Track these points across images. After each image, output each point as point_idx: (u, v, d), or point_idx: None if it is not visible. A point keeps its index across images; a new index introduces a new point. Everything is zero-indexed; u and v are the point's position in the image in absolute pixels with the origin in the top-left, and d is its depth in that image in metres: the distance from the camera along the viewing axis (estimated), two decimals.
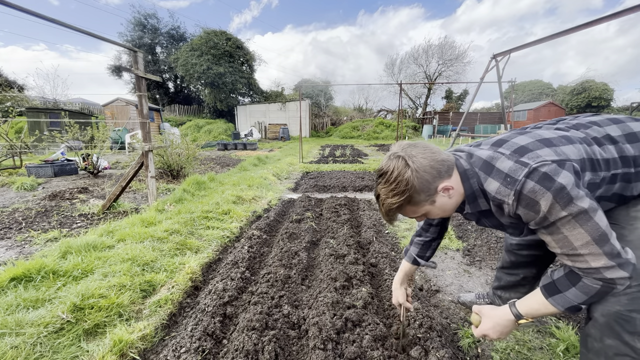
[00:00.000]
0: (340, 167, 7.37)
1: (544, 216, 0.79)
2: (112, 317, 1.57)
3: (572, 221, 0.77)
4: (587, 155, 0.85)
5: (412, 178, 0.85)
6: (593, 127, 0.94)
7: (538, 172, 0.78)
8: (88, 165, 6.06)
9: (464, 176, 0.92)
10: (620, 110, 30.33)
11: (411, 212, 0.95)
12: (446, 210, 0.95)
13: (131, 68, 3.26)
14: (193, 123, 21.32)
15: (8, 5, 2.24)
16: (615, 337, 0.88)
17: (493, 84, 6.01)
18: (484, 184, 0.89)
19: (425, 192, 0.88)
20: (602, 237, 0.76)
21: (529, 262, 1.48)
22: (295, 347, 1.41)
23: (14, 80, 22.37)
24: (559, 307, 0.85)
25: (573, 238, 0.78)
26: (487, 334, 0.98)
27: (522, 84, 42.78)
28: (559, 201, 0.76)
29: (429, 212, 0.95)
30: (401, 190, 0.87)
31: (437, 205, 0.93)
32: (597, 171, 0.86)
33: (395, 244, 2.70)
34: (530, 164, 0.80)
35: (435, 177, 0.87)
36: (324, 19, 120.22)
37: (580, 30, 3.48)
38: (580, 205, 0.75)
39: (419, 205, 0.91)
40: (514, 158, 0.84)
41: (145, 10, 24.75)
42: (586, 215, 0.76)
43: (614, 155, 0.88)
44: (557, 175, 0.77)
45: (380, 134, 22.85)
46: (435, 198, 0.91)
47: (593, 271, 0.78)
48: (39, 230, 2.98)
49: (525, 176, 0.79)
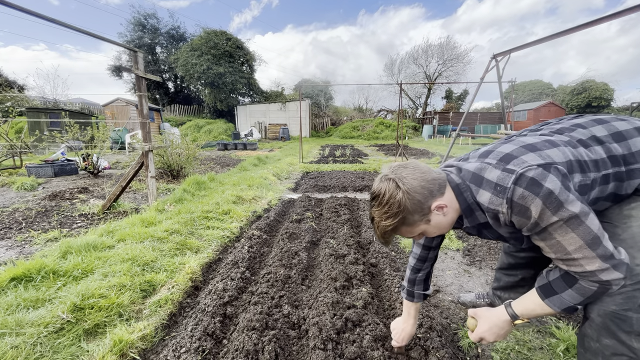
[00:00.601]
0: (341, 167, 7.37)
1: (535, 222, 0.79)
2: (112, 317, 1.57)
3: (563, 226, 0.77)
4: (573, 157, 0.85)
5: (404, 200, 0.86)
6: (577, 129, 0.94)
7: (525, 177, 0.78)
8: (88, 165, 6.07)
9: (457, 191, 0.92)
10: (620, 110, 30.32)
11: (407, 232, 0.94)
12: (442, 228, 0.95)
13: (131, 68, 3.27)
14: (193, 123, 21.33)
15: (8, 5, 2.24)
16: (612, 337, 0.88)
17: (493, 84, 6.01)
18: (477, 196, 0.89)
19: (418, 213, 0.88)
20: (594, 240, 0.76)
21: (526, 263, 1.49)
22: (295, 347, 1.41)
23: (14, 80, 22.37)
24: (555, 308, 0.85)
25: (566, 243, 0.78)
26: (484, 336, 0.98)
27: (522, 84, 42.77)
28: (548, 206, 0.76)
29: (425, 231, 0.95)
30: (394, 212, 0.87)
31: (433, 224, 0.92)
32: (586, 172, 0.86)
33: (396, 244, 2.70)
34: (517, 170, 0.80)
35: (427, 197, 0.88)
36: (324, 19, 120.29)
37: (580, 30, 3.48)
38: (571, 209, 0.76)
39: (414, 225, 0.91)
40: (501, 167, 0.84)
41: (145, 10, 24.80)
42: (577, 220, 0.76)
43: (602, 156, 0.88)
44: (544, 180, 0.77)
45: (380, 134, 22.85)
46: (430, 217, 0.90)
47: (588, 274, 0.78)
48: (39, 230, 2.98)
49: (514, 183, 0.79)
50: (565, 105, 31.01)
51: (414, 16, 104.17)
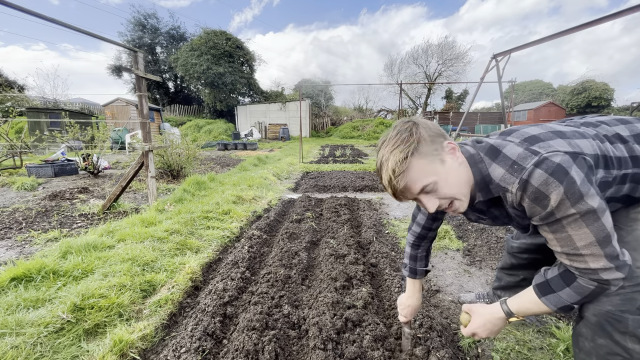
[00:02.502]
0: (341, 167, 7.37)
1: (551, 211, 0.75)
2: (112, 317, 1.57)
3: (579, 220, 0.74)
4: (600, 152, 0.82)
5: (419, 128, 0.81)
6: (602, 125, 0.92)
7: (550, 162, 0.73)
8: (88, 165, 6.07)
9: (472, 161, 0.87)
10: (621, 110, 30.30)
11: (421, 171, 0.80)
12: (456, 179, 0.84)
13: (131, 68, 3.27)
14: (193, 123, 21.33)
15: (8, 5, 2.24)
16: (607, 337, 0.88)
17: (493, 84, 6.01)
18: (489, 169, 0.84)
19: (433, 144, 0.81)
20: (606, 238, 0.74)
21: (528, 264, 1.49)
22: (295, 347, 1.41)
23: (14, 80, 22.36)
24: (551, 306, 0.85)
25: (577, 238, 0.76)
26: (477, 332, 0.98)
27: (523, 84, 42.78)
28: (569, 197, 0.72)
29: (439, 177, 0.82)
30: (406, 137, 0.79)
31: (447, 167, 0.83)
32: (610, 169, 0.83)
33: (396, 244, 2.70)
34: (542, 152, 0.75)
35: (440, 135, 0.83)
36: (325, 18, 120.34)
37: (580, 30, 3.48)
38: (590, 203, 0.72)
39: (429, 159, 0.80)
40: (524, 145, 0.80)
41: (145, 10, 24.80)
42: (594, 215, 0.73)
43: (625, 154, 0.85)
44: (570, 168, 0.72)
45: (380, 134, 22.79)
46: (444, 156, 0.83)
47: (590, 272, 0.77)
48: (39, 230, 2.98)
49: (535, 164, 0.74)
50: (565, 105, 31.02)
51: (416, 15, 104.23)
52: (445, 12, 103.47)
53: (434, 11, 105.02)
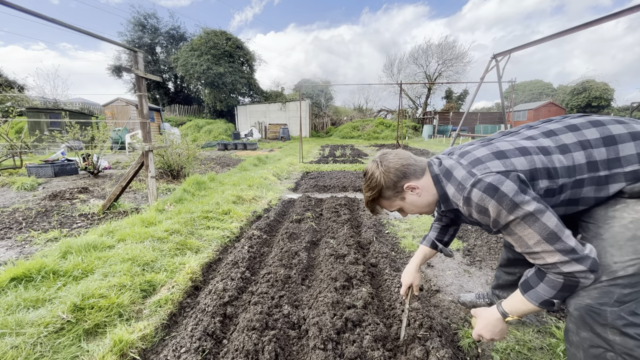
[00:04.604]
0: (341, 167, 7.37)
1: (495, 219, 0.90)
2: (112, 317, 1.57)
3: (521, 223, 0.87)
4: (542, 165, 0.91)
5: (380, 177, 1.07)
6: (567, 133, 0.97)
7: (483, 182, 0.89)
8: (88, 165, 6.07)
9: (435, 180, 1.08)
10: (621, 110, 30.30)
11: (386, 205, 1.15)
12: (419, 207, 1.13)
13: (131, 68, 3.26)
14: (193, 123, 21.31)
15: (8, 5, 2.24)
16: (588, 330, 0.91)
17: (494, 84, 6.00)
18: (445, 189, 1.04)
19: (392, 189, 1.09)
20: (551, 235, 0.84)
21: (524, 258, 1.49)
22: (295, 347, 1.41)
23: (14, 80, 22.35)
24: (533, 302, 0.93)
25: (526, 238, 0.88)
26: (481, 334, 1.06)
27: (523, 84, 42.78)
28: (504, 207, 0.86)
29: (402, 207, 1.15)
30: (373, 185, 1.09)
31: (408, 202, 1.11)
32: (554, 178, 0.92)
33: (395, 244, 2.70)
34: (477, 174, 0.92)
35: (401, 178, 1.07)
36: (327, 18, 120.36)
37: (579, 30, 3.47)
38: (526, 208, 0.85)
39: (391, 199, 1.12)
40: (467, 168, 0.97)
41: (145, 10, 24.79)
42: (532, 217, 0.85)
43: (580, 162, 0.92)
44: (500, 184, 0.87)
45: (380, 134, 22.84)
46: (404, 195, 1.10)
47: (550, 266, 0.86)
48: (39, 230, 2.98)
49: (472, 185, 0.92)
50: (565, 105, 31.01)
51: (418, 14, 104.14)
52: (447, 11, 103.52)
53: (436, 10, 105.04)
